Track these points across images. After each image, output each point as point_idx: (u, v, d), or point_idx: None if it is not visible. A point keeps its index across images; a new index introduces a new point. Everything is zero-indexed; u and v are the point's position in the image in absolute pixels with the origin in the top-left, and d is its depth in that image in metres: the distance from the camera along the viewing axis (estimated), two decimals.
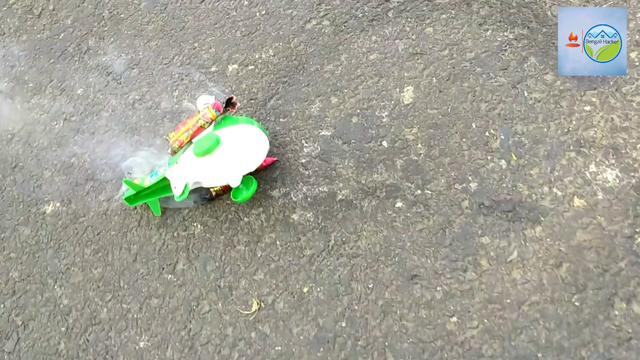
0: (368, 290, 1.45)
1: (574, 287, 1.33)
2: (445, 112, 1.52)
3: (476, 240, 1.42)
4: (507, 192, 1.43)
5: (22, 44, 1.87)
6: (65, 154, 1.72)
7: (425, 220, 1.46)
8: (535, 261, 1.37)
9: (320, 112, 1.62)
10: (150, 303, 1.56)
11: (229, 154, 1.47)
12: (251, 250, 1.54)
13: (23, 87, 1.82)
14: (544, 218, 1.39)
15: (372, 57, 1.65)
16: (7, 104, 1.80)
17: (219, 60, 1.72)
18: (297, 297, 1.47)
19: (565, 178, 1.41)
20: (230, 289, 1.53)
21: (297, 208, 1.55)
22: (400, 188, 1.50)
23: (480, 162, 1.45)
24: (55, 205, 1.73)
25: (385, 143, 1.55)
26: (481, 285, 1.38)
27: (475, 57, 1.56)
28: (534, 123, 1.47)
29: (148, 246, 1.58)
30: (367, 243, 1.48)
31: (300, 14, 1.73)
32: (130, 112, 1.69)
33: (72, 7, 1.89)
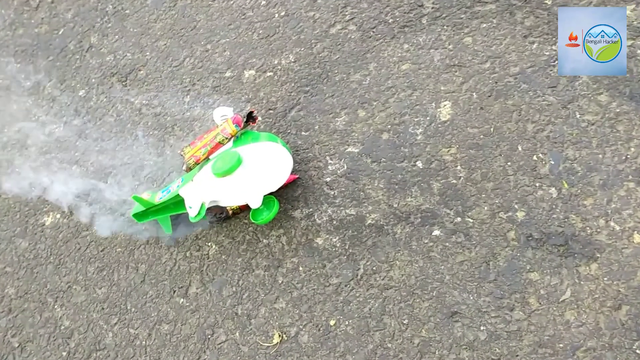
0: (403, 327, 1.28)
1: (636, 333, 1.17)
2: (487, 132, 1.37)
3: (524, 276, 1.25)
4: (558, 223, 1.27)
5: (18, 39, 1.68)
6: (66, 160, 1.51)
7: (466, 251, 1.30)
8: (591, 302, 1.20)
9: (346, 126, 1.46)
10: (160, 329, 1.40)
11: (251, 173, 1.31)
12: (271, 275, 1.38)
13: (19, 86, 1.63)
14: (600, 254, 1.23)
15: (404, 67, 1.48)
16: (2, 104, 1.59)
17: (234, 64, 1.57)
18: (322, 330, 1.31)
19: (623, 211, 1.25)
20: (249, 317, 1.37)
21: (321, 231, 1.39)
22: (437, 214, 1.34)
23: (527, 189, 1.30)
24: (55, 217, 1.56)
25: (420, 163, 1.39)
26: (530, 326, 1.22)
27: (520, 72, 1.40)
28: (588, 148, 1.31)
29: (158, 266, 1.43)
30: (401, 274, 1.32)
31: (323, 16, 1.56)
32: (137, 117, 1.51)
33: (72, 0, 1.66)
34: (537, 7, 1.38)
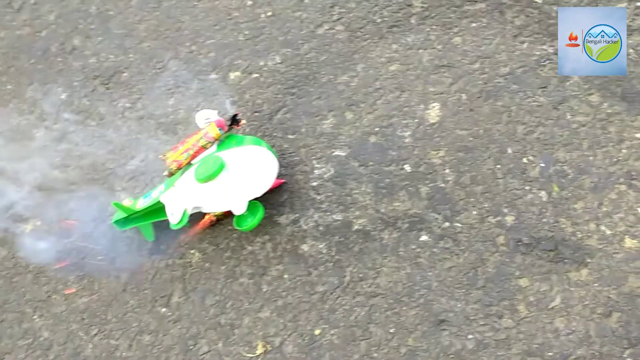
0: (389, 336, 1.31)
1: (626, 341, 1.20)
2: (476, 134, 1.40)
3: (513, 282, 1.29)
4: (548, 228, 1.30)
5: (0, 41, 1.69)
6: (47, 165, 1.56)
7: (454, 257, 1.33)
8: (581, 309, 1.24)
9: (333, 128, 1.49)
10: (142, 340, 1.43)
11: (234, 178, 1.34)
12: (256, 283, 1.41)
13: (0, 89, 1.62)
14: (591, 260, 1.26)
15: (392, 68, 1.51)
16: None
17: (220, 66, 1.61)
18: (307, 339, 1.35)
19: (615, 214, 1.28)
20: (232, 327, 1.40)
21: (307, 238, 1.42)
22: (425, 219, 1.37)
23: (517, 193, 1.34)
24: (35, 224, 1.60)
25: (408, 167, 1.42)
26: (519, 334, 1.25)
27: (510, 72, 1.43)
28: (578, 150, 1.34)
29: (139, 275, 1.47)
30: (388, 281, 1.35)
31: (311, 16, 1.60)
32: (120, 121, 1.55)
33: (55, 1, 1.75)
34: (528, 5, 1.42)
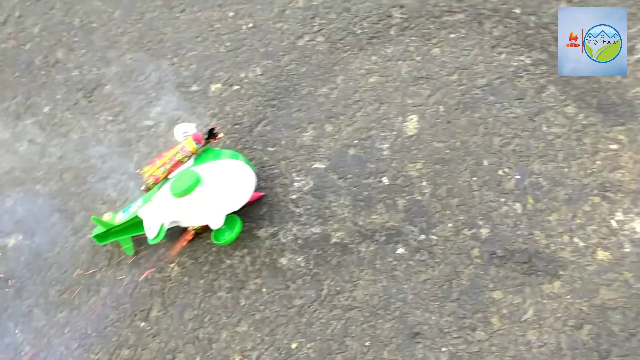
0: (364, 349, 1.35)
1: (597, 353, 1.24)
2: (453, 146, 1.44)
3: (487, 294, 1.33)
4: (522, 240, 1.35)
5: None
6: (29, 180, 1.62)
7: (429, 269, 1.37)
8: (553, 321, 1.28)
9: (313, 141, 1.53)
10: (121, 354, 1.47)
11: (211, 192, 1.38)
12: (234, 297, 1.46)
13: None
14: (564, 272, 1.31)
15: (371, 80, 1.56)
16: None
17: (201, 78, 1.65)
18: (284, 353, 1.39)
19: (588, 227, 1.32)
20: (210, 341, 1.44)
21: (286, 251, 1.46)
22: (402, 232, 1.41)
23: (492, 205, 1.38)
24: (17, 239, 1.65)
25: (386, 179, 1.47)
26: (492, 347, 1.29)
27: (488, 83, 1.48)
28: (553, 162, 1.38)
29: (119, 289, 1.51)
30: (365, 294, 1.39)
31: (291, 28, 1.64)
32: (102, 134, 1.61)
33: (40, 14, 1.80)
34: (506, 16, 1.46)
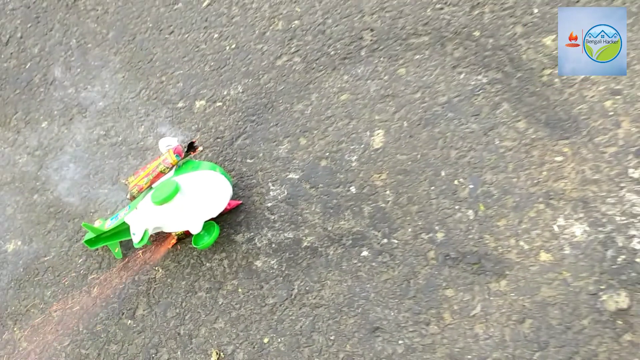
0: (329, 342, 1.54)
1: (536, 345, 1.42)
2: (415, 159, 1.61)
3: (440, 292, 1.51)
4: (473, 243, 1.52)
5: None
6: (27, 190, 1.80)
7: (390, 270, 1.55)
8: (498, 316, 1.46)
9: (288, 153, 1.71)
10: (109, 349, 1.67)
11: (190, 200, 1.56)
12: (212, 297, 1.64)
13: None
14: (510, 272, 1.48)
15: (343, 97, 1.73)
16: None
17: (187, 95, 1.83)
18: (257, 347, 1.57)
19: (532, 231, 1.50)
20: (190, 337, 1.63)
21: (261, 254, 1.65)
22: (366, 236, 1.59)
23: (447, 212, 1.55)
24: (16, 244, 1.84)
25: (354, 188, 1.65)
26: (443, 339, 1.47)
27: (448, 101, 1.64)
28: (504, 172, 1.55)
29: (108, 289, 1.67)
30: (331, 293, 1.58)
31: (271, 49, 1.82)
32: (95, 147, 1.80)
33: (40, 34, 1.99)
34: (466, 38, 1.67)
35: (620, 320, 1.38)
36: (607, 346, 1.38)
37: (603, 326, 1.39)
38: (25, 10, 2.05)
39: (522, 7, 1.66)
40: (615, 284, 1.41)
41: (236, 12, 1.90)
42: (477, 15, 1.71)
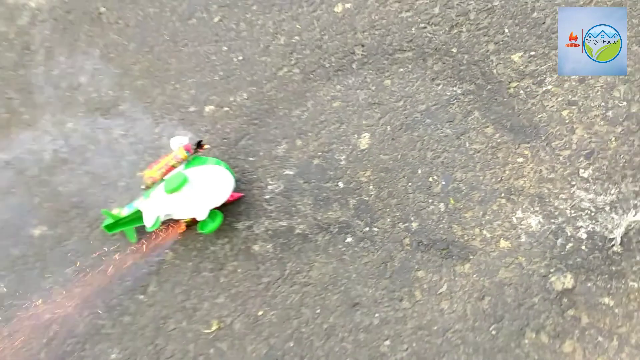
0: (315, 315, 1.78)
1: (493, 318, 1.65)
2: (395, 158, 1.85)
3: (413, 274, 1.74)
4: (443, 232, 1.75)
5: (20, 78, 2.22)
6: (53, 182, 2.07)
7: (370, 254, 1.79)
8: (461, 294, 1.69)
9: (285, 153, 1.96)
10: (123, 320, 1.90)
11: (196, 190, 1.79)
12: (215, 276, 1.88)
13: (19, 119, 2.18)
14: (473, 256, 1.71)
15: (335, 104, 1.97)
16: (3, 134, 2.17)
17: (197, 101, 2.07)
18: (252, 319, 1.81)
19: (494, 222, 1.73)
20: (195, 310, 1.87)
21: (258, 240, 1.89)
22: (351, 225, 1.83)
23: (422, 205, 1.78)
24: (42, 229, 2.07)
25: (341, 184, 1.89)
26: (413, 313, 1.70)
27: (426, 109, 1.88)
28: (472, 171, 1.79)
29: (123, 269, 1.92)
30: (318, 273, 1.81)
31: (273, 61, 2.05)
32: (115, 145, 2.05)
33: (66, 45, 2.22)
34: (445, 54, 1.93)
35: (566, 298, 1.60)
36: (553, 320, 1.60)
37: (551, 303, 1.61)
38: (54, 22, 2.26)
39: (495, 28, 1.88)
40: (563, 268, 1.63)
41: (243, 27, 2.14)
42: (455, 34, 1.94)
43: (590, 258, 1.64)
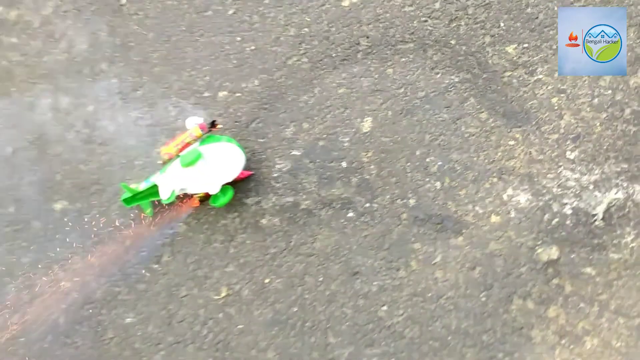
0: (318, 283, 1.87)
1: (483, 286, 1.75)
2: (396, 140, 1.94)
3: (409, 246, 1.84)
4: (438, 208, 1.85)
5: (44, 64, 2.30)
6: (74, 160, 2.17)
7: (370, 228, 1.88)
8: (454, 264, 1.78)
9: (293, 135, 2.04)
10: (138, 287, 1.99)
11: (210, 166, 1.89)
12: (225, 247, 1.97)
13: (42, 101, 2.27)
14: (466, 230, 1.81)
15: (340, 91, 2.05)
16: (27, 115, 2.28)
17: (212, 87, 2.16)
18: (259, 286, 1.90)
19: (486, 199, 1.83)
20: (206, 278, 1.95)
21: (266, 214, 1.98)
22: (352, 201, 1.92)
23: (419, 183, 1.88)
24: (63, 204, 2.14)
25: (344, 163, 1.97)
26: (409, 281, 1.79)
27: (425, 95, 1.97)
28: (467, 153, 1.88)
29: (139, 241, 2.01)
30: (321, 245, 1.90)
31: (284, 51, 2.14)
32: (133, 127, 2.15)
33: (88, 34, 2.31)
34: (444, 46, 2.03)
35: (551, 268, 1.70)
36: (539, 287, 1.69)
37: (537, 273, 1.71)
38: (76, 12, 2.35)
39: (491, 22, 1.97)
40: (549, 240, 1.73)
41: (256, 20, 2.23)
42: (454, 27, 2.03)
43: (574, 232, 1.71)
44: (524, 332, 1.66)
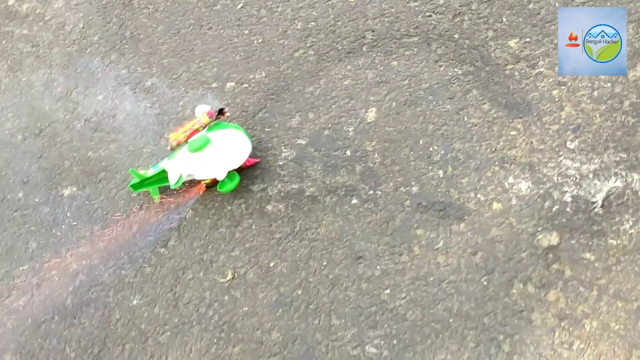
0: (322, 267, 1.88)
1: (484, 271, 1.76)
2: (399, 130, 1.97)
3: (412, 232, 1.85)
4: (441, 195, 1.86)
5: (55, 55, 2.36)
6: (83, 148, 2.21)
7: (373, 214, 1.90)
8: (456, 250, 1.80)
9: (298, 124, 2.07)
10: (145, 270, 2.01)
11: (217, 152, 1.92)
12: (231, 232, 1.99)
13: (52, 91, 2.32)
14: (468, 217, 1.82)
15: (345, 82, 2.09)
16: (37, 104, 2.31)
17: (220, 78, 2.20)
18: (264, 270, 1.92)
19: (488, 187, 1.84)
20: (211, 262, 1.97)
21: (271, 200, 2.00)
22: (356, 188, 1.94)
23: (422, 171, 1.90)
24: (72, 190, 2.19)
25: (349, 152, 2.01)
26: (412, 266, 1.81)
27: (429, 87, 2.00)
28: (469, 142, 1.90)
29: (146, 226, 2.04)
30: (326, 230, 1.92)
31: (290, 43, 2.19)
32: (142, 117, 2.19)
33: (99, 26, 2.36)
34: (448, 39, 2.07)
35: (551, 253, 1.71)
36: (539, 272, 1.70)
37: (537, 258, 1.72)
38: (88, 5, 2.41)
39: (494, 17, 2.02)
40: (549, 227, 1.74)
41: (264, 13, 2.28)
42: (458, 21, 2.08)
43: (574, 219, 1.73)
44: (524, 315, 1.66)
